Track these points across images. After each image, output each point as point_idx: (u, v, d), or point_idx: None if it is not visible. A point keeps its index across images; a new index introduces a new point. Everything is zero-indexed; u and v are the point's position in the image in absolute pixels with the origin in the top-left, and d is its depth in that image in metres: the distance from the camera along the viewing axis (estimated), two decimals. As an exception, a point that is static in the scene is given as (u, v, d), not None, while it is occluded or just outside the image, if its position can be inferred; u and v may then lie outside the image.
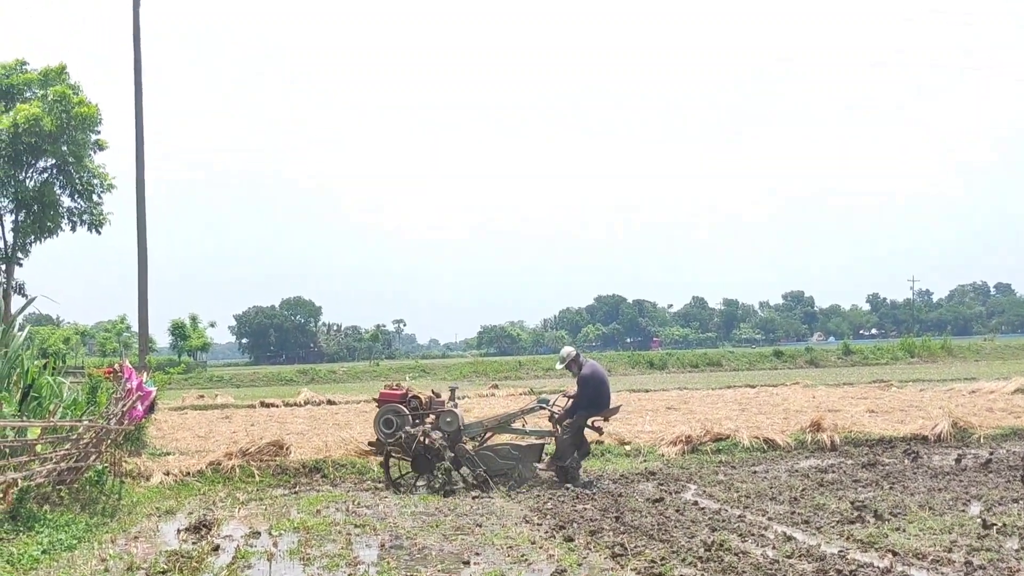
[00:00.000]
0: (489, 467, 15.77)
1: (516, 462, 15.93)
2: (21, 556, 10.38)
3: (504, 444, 16.45)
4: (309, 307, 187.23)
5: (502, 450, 16.11)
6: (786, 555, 9.73)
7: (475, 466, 15.77)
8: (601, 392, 16.19)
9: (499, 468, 15.83)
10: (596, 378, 16.19)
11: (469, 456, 15.88)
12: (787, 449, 19.07)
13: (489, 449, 16.12)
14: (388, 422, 16.08)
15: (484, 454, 15.97)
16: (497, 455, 15.98)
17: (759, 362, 73.27)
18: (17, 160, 33.89)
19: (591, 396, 16.04)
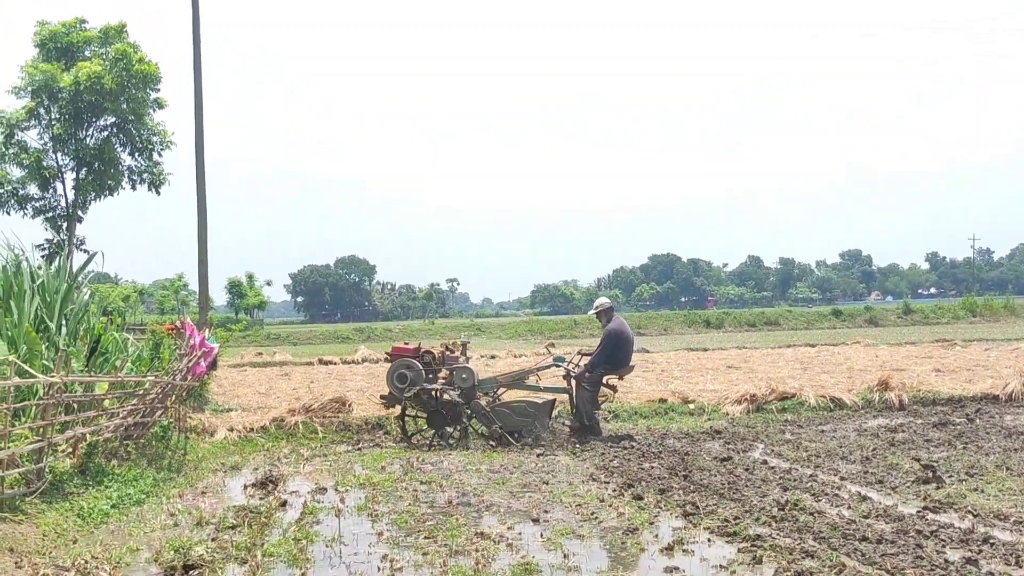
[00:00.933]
0: (505, 423, 15.80)
1: (532, 419, 15.91)
2: (91, 510, 10.42)
3: (520, 400, 16.36)
4: (364, 266, 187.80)
5: (518, 407, 16.09)
6: (862, 515, 9.52)
7: (491, 422, 15.76)
8: (624, 350, 16.26)
9: (515, 424, 15.85)
10: (622, 335, 16.24)
11: (485, 412, 15.86)
12: (854, 408, 18.77)
13: (505, 406, 16.11)
14: (402, 376, 15.94)
15: (500, 411, 15.96)
16: (513, 412, 15.98)
17: (817, 321, 72.52)
18: (78, 118, 34.07)
19: (613, 351, 16.09)
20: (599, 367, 16.08)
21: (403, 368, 15.98)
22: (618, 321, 16.52)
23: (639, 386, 22.20)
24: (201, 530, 9.80)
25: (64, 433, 11.37)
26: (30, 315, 13.69)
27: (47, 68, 33.60)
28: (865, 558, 7.88)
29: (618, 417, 18.45)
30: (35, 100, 33.92)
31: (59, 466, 11.11)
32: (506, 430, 15.71)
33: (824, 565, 7.64)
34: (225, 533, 9.53)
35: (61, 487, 10.86)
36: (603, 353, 16.11)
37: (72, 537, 9.42)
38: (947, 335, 44.91)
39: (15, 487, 10.00)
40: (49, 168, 34.51)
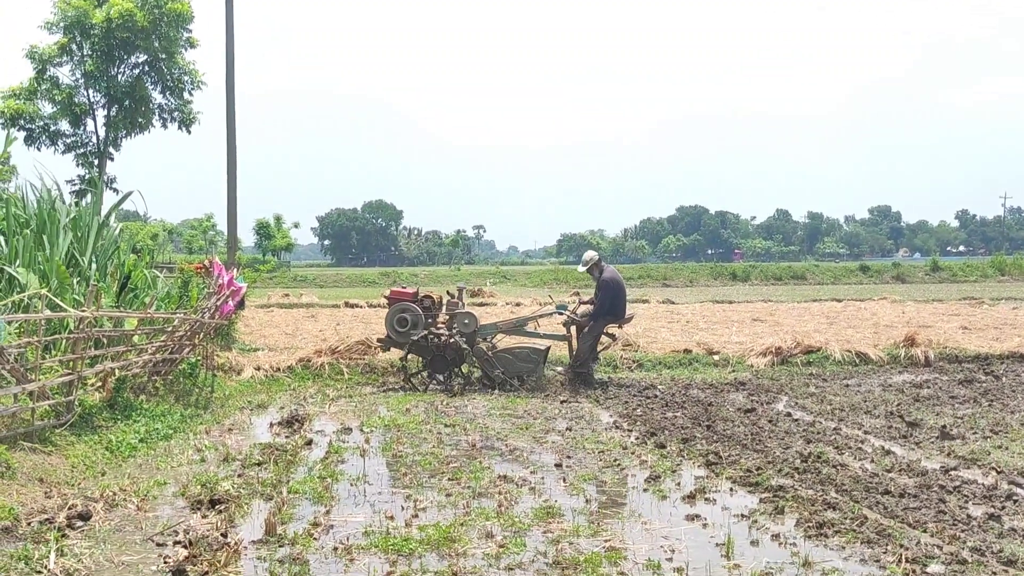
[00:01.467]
0: (507, 369, 15.95)
1: (534, 364, 16.10)
2: (120, 443, 10.56)
3: (524, 346, 16.44)
4: (391, 211, 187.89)
5: (521, 353, 16.23)
6: (885, 469, 9.53)
7: (493, 367, 15.87)
8: (620, 298, 16.47)
9: (517, 370, 16.02)
10: (617, 283, 16.45)
11: (488, 357, 15.97)
12: (879, 363, 18.69)
13: (508, 352, 16.23)
14: (403, 320, 16.09)
15: (503, 356, 16.11)
16: (516, 357, 16.14)
17: (844, 276, 72.17)
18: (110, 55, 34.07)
19: (611, 301, 16.26)
20: (602, 317, 16.27)
21: (403, 312, 16.12)
22: (611, 271, 16.74)
23: (664, 336, 22.21)
24: (227, 466, 9.91)
25: (94, 367, 11.50)
26: (62, 250, 13.79)
27: (79, 4, 33.56)
28: (887, 511, 7.89)
29: (643, 367, 18.49)
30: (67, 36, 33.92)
31: (88, 400, 11.24)
32: (508, 375, 15.87)
33: (846, 517, 7.66)
34: (251, 469, 9.64)
35: (90, 420, 11.00)
36: (604, 303, 16.27)
37: (101, 469, 9.56)
38: (975, 293, 44.60)
39: (45, 419, 10.13)
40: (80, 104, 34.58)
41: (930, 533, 7.26)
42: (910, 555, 6.65)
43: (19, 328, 11.00)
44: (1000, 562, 6.56)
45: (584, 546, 6.99)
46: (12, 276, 12.83)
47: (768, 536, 7.30)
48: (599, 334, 16.37)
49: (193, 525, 7.47)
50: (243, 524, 7.66)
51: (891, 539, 7.05)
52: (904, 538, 7.07)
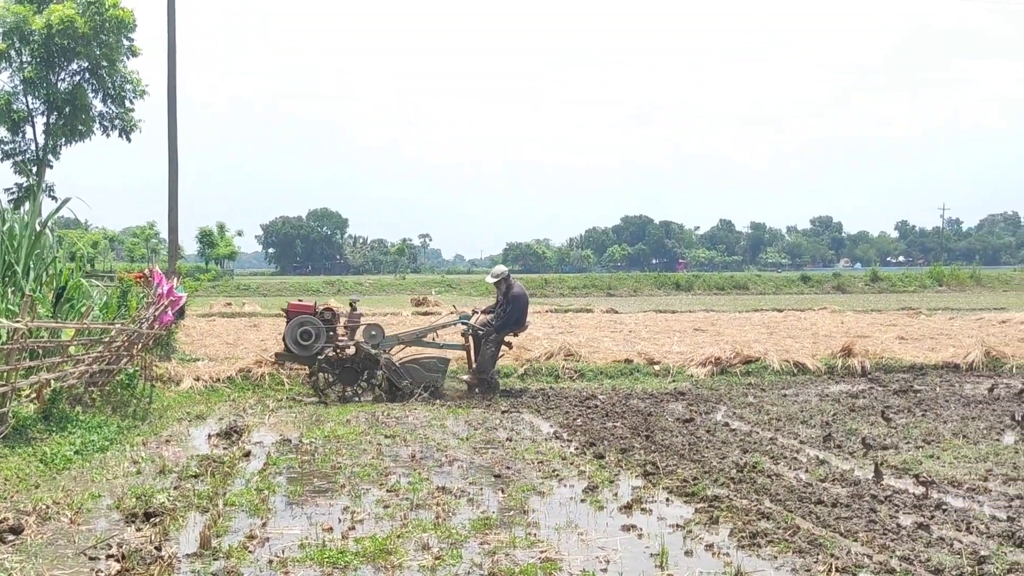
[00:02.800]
0: (415, 379, 16.07)
1: (440, 374, 16.33)
2: (55, 456, 10.43)
3: (431, 356, 16.61)
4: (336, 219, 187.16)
5: (428, 362, 16.40)
6: (819, 479, 9.66)
7: (401, 378, 15.94)
8: (524, 312, 16.92)
9: (425, 380, 16.14)
10: (524, 299, 16.96)
11: (396, 368, 16.00)
12: (817, 373, 18.93)
13: (415, 362, 16.35)
14: (306, 334, 16.03)
15: (411, 366, 16.21)
16: (423, 367, 16.29)
17: (786, 286, 72.97)
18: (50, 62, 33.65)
19: (518, 315, 16.71)
20: (505, 329, 16.65)
21: (307, 326, 16.05)
22: (520, 287, 17.18)
23: (607, 346, 22.31)
24: (164, 478, 9.84)
25: (28, 379, 11.36)
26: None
27: (18, 10, 33.13)
28: (819, 520, 8.00)
29: (584, 377, 18.57)
30: (6, 42, 33.45)
31: (23, 411, 11.12)
32: (416, 385, 15.96)
33: (779, 526, 7.76)
34: (187, 481, 9.58)
35: (24, 432, 10.88)
36: (511, 316, 16.63)
37: (34, 482, 9.43)
38: (913, 303, 45.27)
39: (-24, 432, 10.01)
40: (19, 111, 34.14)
41: (861, 542, 7.37)
42: (840, 564, 6.74)
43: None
44: (928, 571, 6.68)
45: (520, 557, 7.02)
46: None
47: (702, 546, 7.38)
48: (501, 342, 16.76)
49: (127, 538, 7.41)
50: (178, 537, 7.61)
51: (822, 548, 7.15)
52: (835, 547, 7.18)
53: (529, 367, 18.90)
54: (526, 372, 18.67)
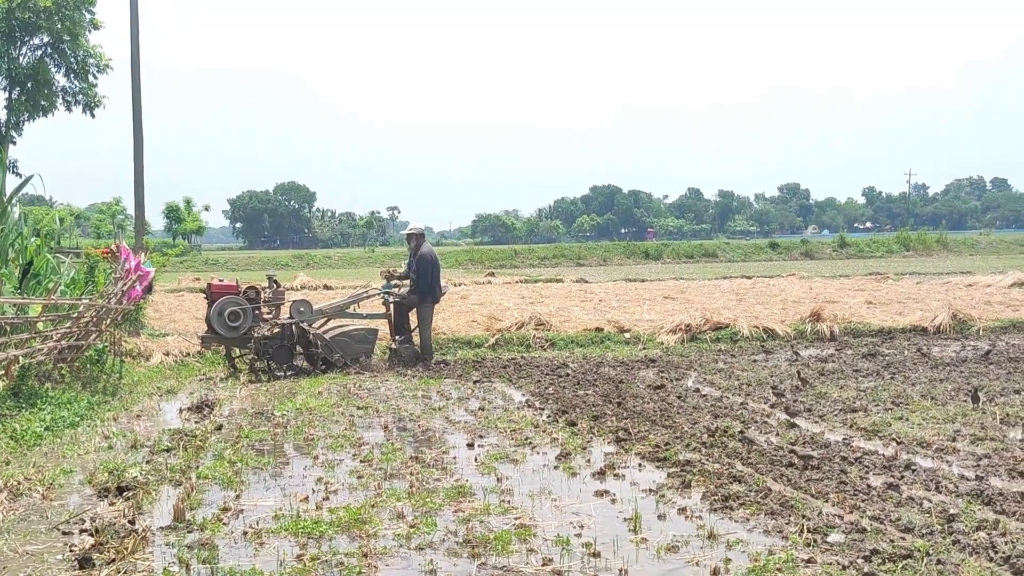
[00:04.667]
0: (346, 352, 16.03)
1: (370, 345, 16.35)
2: (24, 432, 10.38)
3: (359, 328, 16.55)
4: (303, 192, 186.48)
5: (358, 334, 16.35)
6: (790, 442, 9.73)
7: (332, 352, 15.89)
8: (436, 275, 16.82)
9: (356, 352, 16.14)
10: (433, 260, 16.89)
11: (326, 342, 15.94)
12: (787, 339, 19.06)
13: (345, 335, 16.26)
14: (234, 315, 15.75)
15: (341, 340, 16.12)
16: (353, 339, 16.24)
17: (754, 254, 73.20)
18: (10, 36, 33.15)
19: (430, 279, 16.62)
20: (426, 299, 16.68)
21: (233, 306, 15.76)
22: (429, 247, 17.12)
23: (577, 315, 22.35)
24: (135, 453, 9.80)
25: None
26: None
27: (-23, -16, 32.66)
28: (791, 482, 8.07)
29: (555, 346, 18.60)
30: (-35, 17, 33.00)
31: (-10, 388, 11.05)
32: (348, 357, 15.94)
33: (751, 489, 7.82)
34: (160, 456, 9.54)
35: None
36: (424, 278, 16.58)
37: (4, 459, 9.39)
38: (880, 269, 45.58)
39: (-55, 409, 9.94)
40: (-20, 87, 33.73)
41: (832, 503, 7.44)
42: (812, 525, 6.81)
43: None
44: (899, 530, 6.75)
45: (495, 524, 7.05)
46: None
47: (675, 510, 7.43)
48: (431, 315, 16.93)
49: (100, 513, 7.39)
50: (151, 511, 7.59)
51: (794, 510, 7.21)
52: (806, 509, 7.25)
53: (500, 337, 18.92)
54: (497, 342, 18.69)
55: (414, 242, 16.95)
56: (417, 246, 16.81)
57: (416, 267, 16.58)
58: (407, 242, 17.39)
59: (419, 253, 16.67)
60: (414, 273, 16.64)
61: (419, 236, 17.02)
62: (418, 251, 16.71)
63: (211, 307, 15.80)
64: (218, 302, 15.75)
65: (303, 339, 15.85)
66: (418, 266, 16.55)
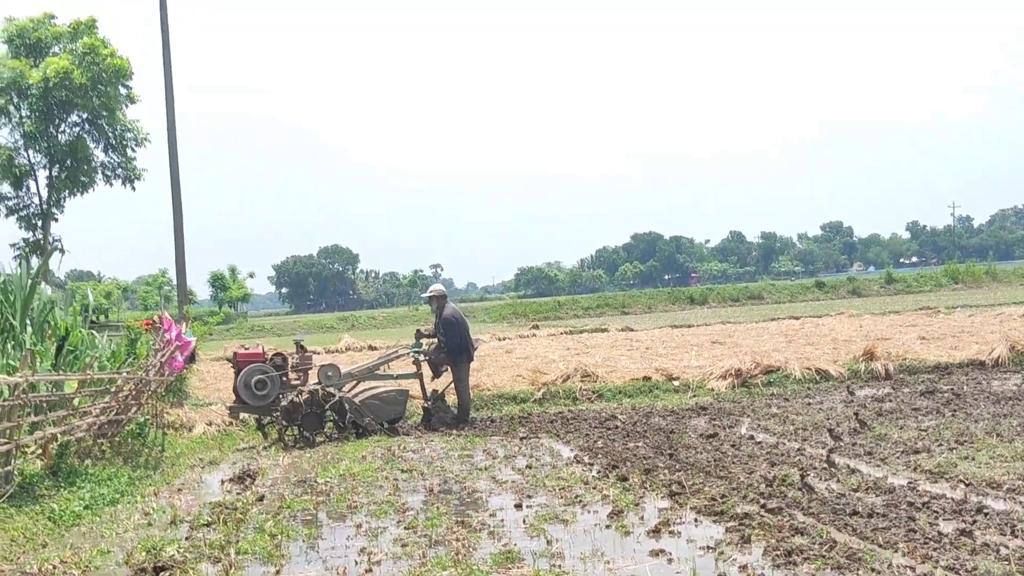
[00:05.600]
0: (377, 415, 15.67)
1: (401, 406, 15.99)
2: (63, 512, 10.16)
3: (389, 390, 16.18)
4: (346, 255, 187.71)
5: (388, 396, 15.96)
6: (852, 488, 9.30)
7: (363, 415, 15.51)
8: (464, 336, 16.44)
9: (387, 415, 15.80)
10: (456, 322, 16.45)
11: (356, 406, 15.57)
12: (840, 379, 18.58)
13: (375, 397, 15.87)
14: (261, 383, 15.51)
15: (371, 402, 15.75)
16: (384, 402, 15.87)
17: (801, 294, 72.50)
18: (48, 115, 33.46)
19: (458, 340, 16.30)
20: (459, 359, 16.36)
21: (259, 374, 15.53)
22: (452, 309, 16.82)
23: (624, 364, 21.99)
24: (175, 529, 9.54)
25: (33, 434, 11.08)
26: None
27: (15, 64, 32.96)
28: (856, 533, 7.66)
29: (603, 397, 18.25)
30: (4, 97, 33.27)
31: (29, 468, 10.85)
32: (379, 420, 15.61)
33: (814, 542, 7.41)
34: (199, 531, 9.26)
35: (32, 489, 10.60)
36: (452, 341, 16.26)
37: (41, 541, 9.15)
38: (930, 303, 44.83)
39: (-19, 492, 9.72)
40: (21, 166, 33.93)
41: (901, 553, 7.03)
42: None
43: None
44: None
45: (545, 591, 6.70)
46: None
47: (735, 568, 7.03)
48: (467, 374, 16.52)
49: (136, 595, 7.12)
50: (189, 591, 7.30)
51: (862, 563, 6.80)
52: (875, 560, 6.83)
53: (546, 390, 18.58)
54: (543, 396, 18.35)
55: (436, 304, 16.69)
56: (440, 308, 16.54)
57: (443, 330, 16.31)
58: (429, 304, 17.10)
59: (443, 316, 16.38)
60: (442, 336, 16.37)
61: (441, 298, 16.72)
62: (442, 313, 16.44)
63: (238, 376, 15.58)
64: (244, 370, 15.55)
65: (333, 404, 15.47)
66: (445, 329, 16.28)
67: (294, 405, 15.16)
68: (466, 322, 16.73)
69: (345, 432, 15.37)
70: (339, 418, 15.49)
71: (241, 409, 15.98)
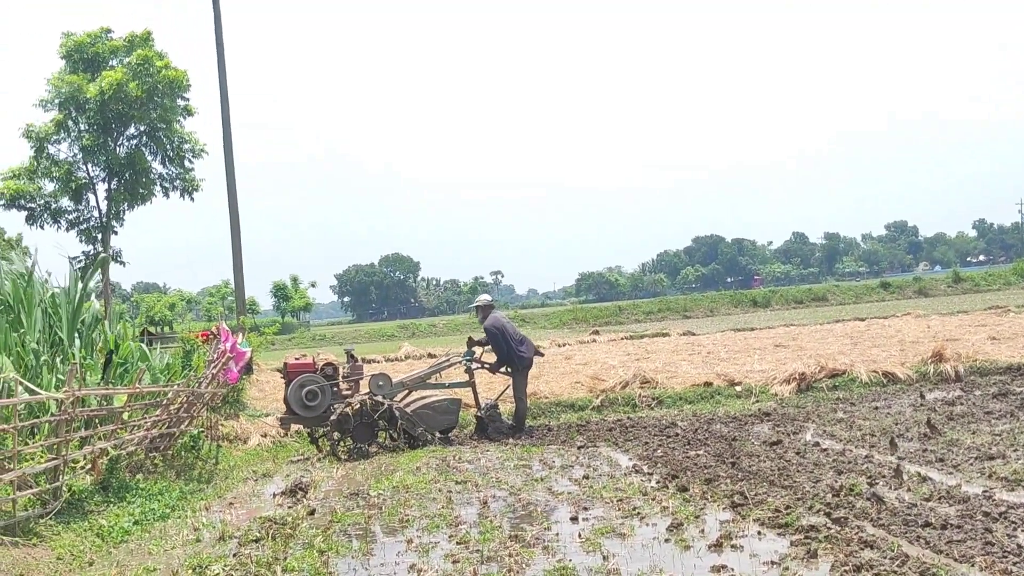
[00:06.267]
0: (429, 424, 15.34)
1: (455, 416, 15.67)
2: (112, 528, 10.01)
3: (441, 399, 15.81)
4: (408, 263, 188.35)
5: (440, 405, 15.62)
6: (923, 498, 8.88)
7: (415, 425, 15.17)
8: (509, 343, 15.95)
9: (439, 424, 15.47)
10: (500, 329, 16.07)
11: (408, 416, 15.22)
12: (908, 382, 18.04)
13: (427, 407, 15.52)
14: (312, 394, 15.25)
15: (423, 412, 15.40)
16: (436, 411, 15.53)
17: (866, 295, 71.32)
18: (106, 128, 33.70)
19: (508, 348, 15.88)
20: (517, 366, 15.98)
21: (311, 385, 15.29)
22: (493, 318, 16.34)
23: (685, 370, 21.56)
24: (223, 545, 9.32)
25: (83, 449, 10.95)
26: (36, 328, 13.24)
27: (73, 79, 33.25)
28: (929, 546, 7.26)
29: (663, 404, 17.86)
30: (62, 112, 33.59)
31: (77, 483, 10.71)
32: (431, 430, 15.30)
33: (885, 556, 7.02)
34: (247, 547, 9.04)
35: (80, 505, 10.49)
36: (501, 350, 15.93)
37: (88, 559, 8.99)
38: (999, 302, 43.71)
39: (29, 508, 9.59)
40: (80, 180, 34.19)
41: (978, 568, 6.63)
42: (959, 597, 6.02)
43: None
44: (1059, 597, 5.93)
45: (600, 611, 6.38)
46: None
47: (801, 585, 6.67)
48: (524, 383, 16.12)
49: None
50: (232, 611, 7.07)
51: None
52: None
53: (605, 397, 18.24)
54: (601, 403, 18.01)
55: (480, 314, 16.43)
56: (484, 319, 16.25)
57: (488, 340, 16.07)
58: (476, 315, 16.83)
59: (484, 326, 16.13)
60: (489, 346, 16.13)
61: (486, 308, 16.47)
62: (484, 324, 16.18)
63: (288, 387, 15.38)
64: (295, 381, 15.34)
65: (383, 414, 15.16)
66: (489, 340, 16.02)
67: (345, 416, 14.92)
68: (511, 328, 16.31)
69: (398, 442, 15.11)
70: (390, 428, 15.22)
71: (292, 421, 15.78)
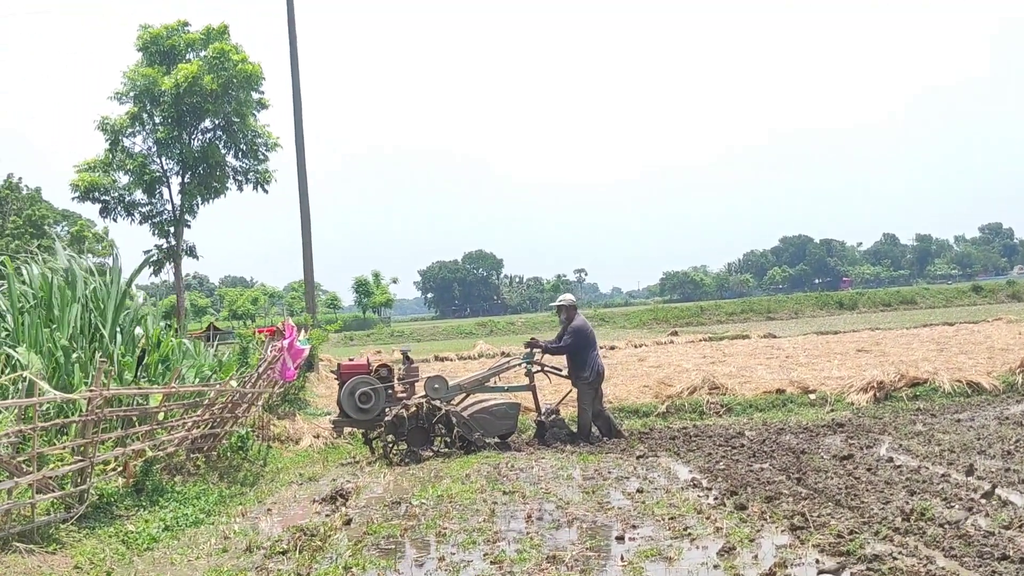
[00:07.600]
0: (487, 429, 14.66)
1: (513, 421, 14.95)
2: (139, 535, 9.56)
3: (499, 403, 15.10)
4: (491, 260, 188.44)
5: (498, 410, 14.90)
6: (1003, 525, 8.07)
7: (471, 430, 14.50)
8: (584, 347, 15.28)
9: (497, 429, 14.80)
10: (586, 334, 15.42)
11: (465, 420, 14.55)
12: (995, 393, 17.06)
13: (485, 411, 14.83)
14: (365, 396, 14.67)
15: (481, 416, 14.71)
16: (494, 416, 14.82)
17: (956, 298, 69.51)
18: (180, 121, 33.58)
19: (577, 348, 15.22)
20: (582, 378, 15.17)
21: (364, 387, 14.73)
22: (582, 320, 15.74)
23: (760, 375, 20.77)
24: (249, 556, 8.85)
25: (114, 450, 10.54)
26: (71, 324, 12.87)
27: (148, 72, 33.19)
28: (1006, 584, 6.50)
29: (732, 411, 17.09)
30: (137, 105, 33.55)
31: (108, 486, 10.30)
32: (489, 435, 14.67)
33: (954, 595, 6.28)
34: (272, 560, 8.55)
35: (109, 509, 10.06)
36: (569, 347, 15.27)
37: (107, 568, 8.52)
38: (1099, 308, 42.12)
39: (51, 512, 9.18)
40: (154, 173, 34.16)
41: (1060, 614, 5.86)
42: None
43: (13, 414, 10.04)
44: None
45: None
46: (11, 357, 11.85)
47: (857, 627, 5.96)
48: (591, 397, 15.22)
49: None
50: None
51: (1011, 625, 5.67)
52: (1028, 622, 5.69)
53: (671, 403, 17.52)
54: (667, 410, 17.28)
55: (564, 314, 15.62)
56: (569, 319, 15.46)
57: (569, 339, 15.29)
58: (557, 314, 16.07)
59: (573, 325, 15.33)
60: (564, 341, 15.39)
61: (570, 308, 15.65)
62: (571, 323, 15.40)
63: (341, 388, 14.92)
64: (348, 383, 14.84)
65: (439, 418, 14.61)
66: (572, 338, 15.24)
67: (399, 419, 14.41)
68: (593, 340, 15.60)
69: (453, 447, 14.55)
70: (446, 432, 14.68)
71: (345, 423, 15.27)
